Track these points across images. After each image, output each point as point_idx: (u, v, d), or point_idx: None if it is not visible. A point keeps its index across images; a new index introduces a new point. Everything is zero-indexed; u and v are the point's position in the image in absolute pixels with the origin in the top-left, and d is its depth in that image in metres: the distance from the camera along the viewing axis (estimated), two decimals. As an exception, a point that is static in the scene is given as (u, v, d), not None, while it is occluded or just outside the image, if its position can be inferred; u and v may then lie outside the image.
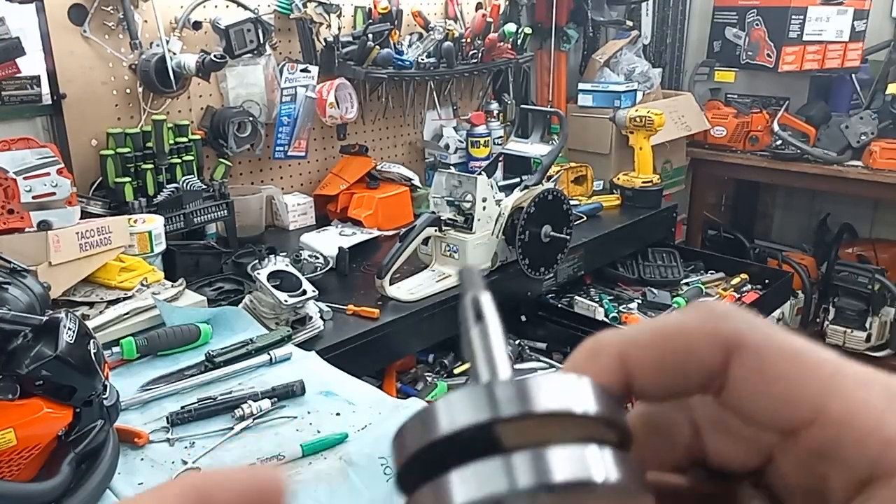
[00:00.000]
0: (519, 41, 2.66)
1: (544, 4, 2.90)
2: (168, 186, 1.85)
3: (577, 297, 2.26)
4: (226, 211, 1.93)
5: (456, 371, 1.90)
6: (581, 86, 2.99)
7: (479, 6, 2.70)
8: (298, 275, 1.54)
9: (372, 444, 1.11)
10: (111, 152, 1.80)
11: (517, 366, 1.95)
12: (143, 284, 1.51)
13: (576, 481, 0.23)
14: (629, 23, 3.13)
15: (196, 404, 1.17)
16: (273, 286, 1.47)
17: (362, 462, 1.07)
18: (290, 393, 1.22)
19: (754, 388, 0.23)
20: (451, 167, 2.55)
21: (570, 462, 0.23)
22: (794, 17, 3.00)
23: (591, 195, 2.62)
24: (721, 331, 0.24)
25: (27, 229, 1.41)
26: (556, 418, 0.23)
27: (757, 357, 0.23)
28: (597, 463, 0.23)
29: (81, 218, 1.51)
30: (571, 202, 2.06)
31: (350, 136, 2.45)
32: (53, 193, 1.43)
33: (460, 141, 2.66)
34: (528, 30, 2.70)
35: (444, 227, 1.81)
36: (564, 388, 0.23)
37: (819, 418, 0.22)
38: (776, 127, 3.09)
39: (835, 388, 0.22)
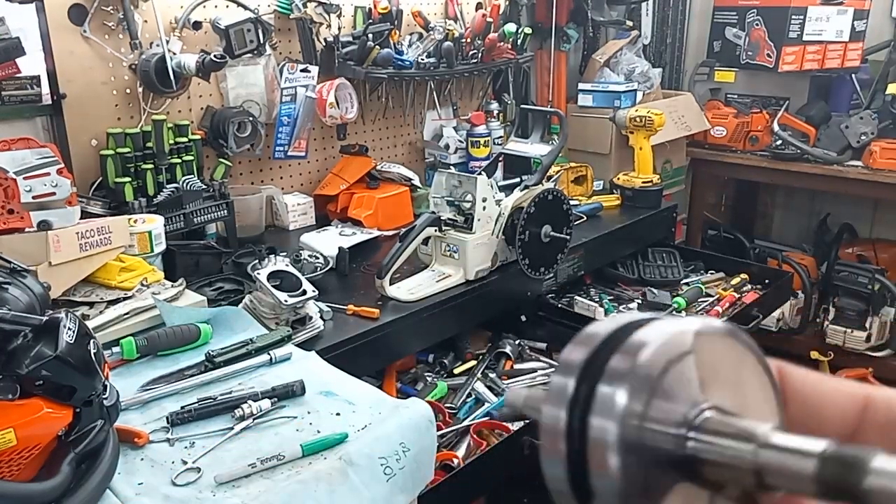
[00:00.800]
0: (519, 41, 2.66)
1: (544, 4, 2.90)
2: (168, 186, 1.85)
3: (577, 297, 2.26)
4: (226, 211, 1.93)
5: (456, 371, 1.90)
6: (581, 86, 2.99)
7: (479, 6, 2.70)
8: (298, 275, 1.54)
9: (372, 443, 1.11)
10: (111, 152, 1.80)
11: (517, 366, 1.95)
12: (143, 284, 1.51)
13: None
14: (629, 23, 3.12)
15: (196, 404, 1.17)
16: (273, 286, 1.47)
17: (362, 462, 1.07)
18: (290, 393, 1.21)
19: (811, 389, 0.32)
20: (451, 167, 2.55)
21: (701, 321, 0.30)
22: (794, 17, 3.00)
23: (591, 195, 2.62)
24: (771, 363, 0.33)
25: (27, 229, 1.41)
26: None
27: (800, 375, 0.33)
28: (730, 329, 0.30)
29: (81, 218, 1.51)
30: (571, 202, 2.06)
31: (350, 136, 2.45)
32: (53, 193, 1.43)
33: (460, 141, 2.66)
34: (528, 30, 2.70)
35: (444, 227, 1.81)
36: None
37: (868, 400, 0.31)
38: (776, 127, 3.09)
39: (865, 384, 0.32)
